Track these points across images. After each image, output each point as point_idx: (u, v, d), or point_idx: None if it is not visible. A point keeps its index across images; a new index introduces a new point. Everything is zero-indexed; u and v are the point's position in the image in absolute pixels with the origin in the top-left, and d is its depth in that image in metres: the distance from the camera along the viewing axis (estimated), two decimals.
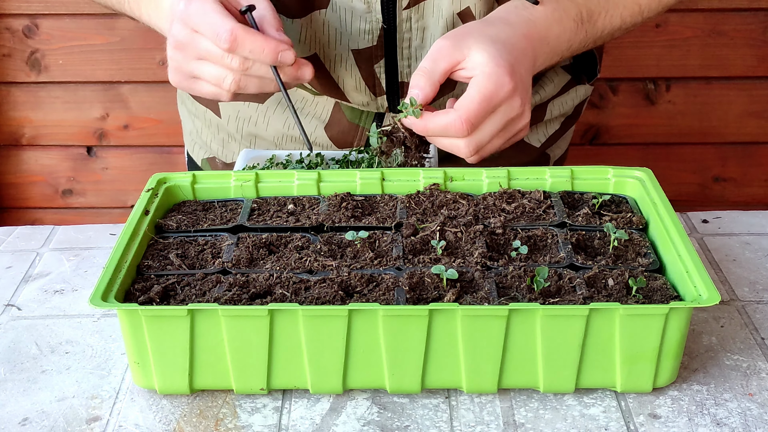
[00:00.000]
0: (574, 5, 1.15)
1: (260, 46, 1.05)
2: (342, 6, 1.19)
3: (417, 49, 1.22)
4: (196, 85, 1.11)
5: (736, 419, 0.89)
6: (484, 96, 1.04)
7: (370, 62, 1.23)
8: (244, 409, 0.91)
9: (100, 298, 0.88)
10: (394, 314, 0.87)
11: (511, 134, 1.09)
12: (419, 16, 1.19)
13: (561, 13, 1.14)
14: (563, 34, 1.14)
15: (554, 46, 1.14)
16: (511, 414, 0.90)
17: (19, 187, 2.44)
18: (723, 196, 2.41)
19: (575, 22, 1.15)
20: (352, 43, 1.22)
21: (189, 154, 1.47)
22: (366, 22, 1.20)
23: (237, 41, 1.04)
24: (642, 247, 1.00)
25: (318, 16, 1.20)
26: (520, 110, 1.06)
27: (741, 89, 2.30)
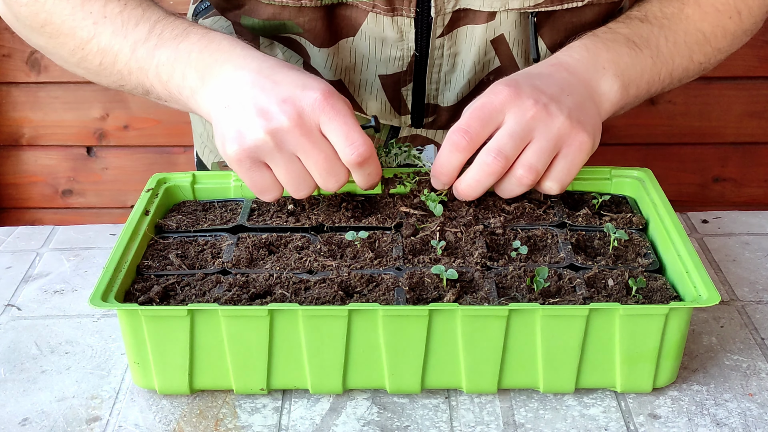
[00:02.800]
0: (618, 35, 1.09)
1: (377, 172, 0.99)
2: (372, 35, 1.16)
3: (447, 74, 1.20)
4: (257, 173, 0.98)
5: (736, 419, 0.89)
6: (475, 107, 0.99)
7: (397, 86, 1.21)
8: (244, 409, 0.91)
9: (100, 298, 0.88)
10: (394, 314, 0.87)
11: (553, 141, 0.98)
12: (452, 43, 1.17)
13: (603, 42, 1.08)
14: (619, 59, 1.06)
15: (616, 71, 1.06)
16: (511, 414, 0.90)
17: (19, 187, 2.44)
18: (723, 196, 2.41)
19: (629, 47, 1.08)
20: (380, 69, 1.19)
21: (199, 157, 1.47)
22: (397, 50, 1.17)
23: (368, 161, 0.96)
24: (642, 247, 1.00)
25: (345, 45, 1.18)
26: (540, 110, 0.97)
27: (741, 89, 2.30)
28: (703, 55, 1.15)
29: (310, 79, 0.97)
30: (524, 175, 0.98)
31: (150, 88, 1.06)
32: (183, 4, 2.23)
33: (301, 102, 0.94)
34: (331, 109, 0.94)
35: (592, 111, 1.03)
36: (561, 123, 0.98)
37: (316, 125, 0.95)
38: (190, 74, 1.01)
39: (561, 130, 0.98)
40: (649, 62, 1.09)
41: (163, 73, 1.03)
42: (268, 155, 0.96)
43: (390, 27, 1.15)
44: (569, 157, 0.99)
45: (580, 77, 1.04)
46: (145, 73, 1.05)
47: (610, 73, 1.05)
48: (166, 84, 1.03)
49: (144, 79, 1.05)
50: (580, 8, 1.15)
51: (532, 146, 0.98)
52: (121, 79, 1.08)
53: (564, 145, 0.99)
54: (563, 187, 1.01)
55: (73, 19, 1.06)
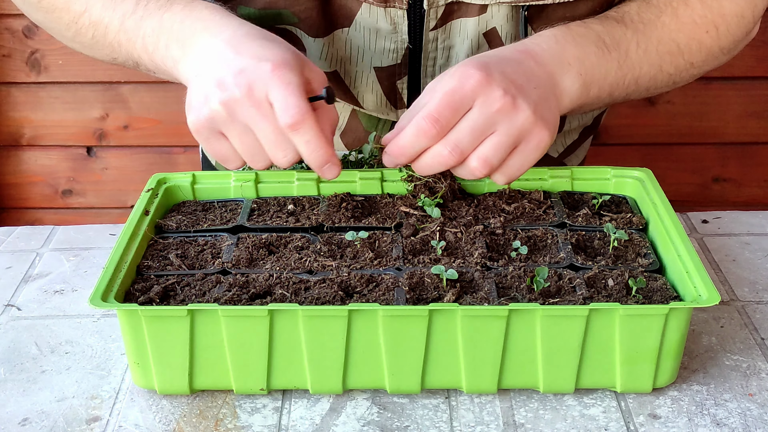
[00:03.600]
0: (590, 31, 1.08)
1: (318, 145, 0.96)
2: (366, 26, 1.16)
3: (441, 67, 1.20)
4: (216, 142, 1.00)
5: (736, 419, 0.89)
6: (445, 90, 0.96)
7: (392, 79, 1.21)
8: (244, 409, 0.91)
9: (100, 299, 0.88)
10: (394, 314, 0.87)
11: (514, 137, 0.97)
12: (446, 36, 1.17)
13: (573, 36, 1.07)
14: (586, 57, 1.05)
15: (580, 69, 1.04)
16: (511, 414, 0.90)
17: (19, 187, 2.44)
18: (723, 196, 2.41)
19: (597, 47, 1.06)
20: (375, 61, 1.20)
21: (204, 153, 1.47)
22: (391, 42, 1.17)
23: (302, 125, 0.94)
24: (642, 247, 1.00)
25: (341, 35, 1.18)
26: (507, 103, 0.96)
27: (740, 89, 2.30)
28: (674, 66, 1.13)
29: (270, 50, 0.97)
30: (477, 167, 0.98)
31: (138, 59, 1.08)
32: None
33: (253, 73, 0.95)
34: (278, 80, 0.94)
35: (553, 105, 1.01)
36: (525, 118, 0.97)
37: (266, 96, 0.95)
38: (172, 45, 1.03)
39: (524, 125, 0.97)
40: (615, 65, 1.07)
41: (149, 45, 1.05)
42: (223, 126, 0.97)
43: (383, 18, 1.15)
44: (525, 153, 0.98)
45: (546, 69, 1.03)
46: (133, 45, 1.07)
47: (574, 70, 1.04)
48: (152, 55, 1.05)
49: (132, 51, 1.07)
50: (573, 3, 1.14)
51: (491, 140, 0.97)
52: (112, 52, 1.10)
53: (523, 141, 0.98)
54: (510, 181, 1.01)
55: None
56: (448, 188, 1.07)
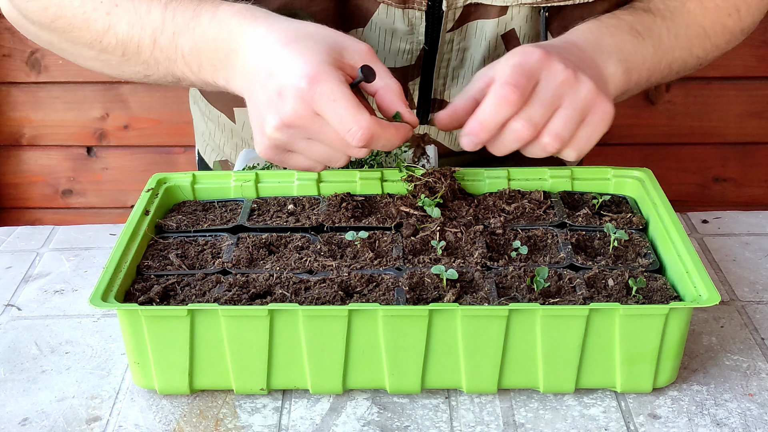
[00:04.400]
0: (622, 21, 1.10)
1: (393, 138, 0.95)
2: (381, 26, 1.16)
3: (455, 69, 1.20)
4: (291, 160, 0.99)
5: (736, 419, 0.89)
6: (514, 64, 0.97)
7: (404, 80, 1.21)
8: (244, 409, 0.91)
9: (100, 299, 0.88)
10: (394, 314, 0.87)
11: (579, 110, 0.98)
12: (461, 37, 1.17)
13: (607, 27, 1.09)
14: (623, 45, 1.07)
15: (620, 56, 1.06)
16: (511, 414, 0.90)
17: (19, 187, 2.44)
18: (723, 196, 2.41)
19: (632, 35, 1.09)
20: (388, 62, 1.19)
21: (200, 155, 1.46)
22: (407, 42, 1.17)
23: (373, 140, 0.92)
24: (642, 247, 1.00)
25: (355, 35, 1.17)
26: (570, 76, 0.97)
27: (741, 89, 2.30)
28: (702, 50, 1.16)
29: (301, 58, 0.93)
30: (550, 143, 0.98)
31: (182, 76, 1.04)
32: None
33: (291, 95, 0.92)
34: (319, 97, 0.91)
35: (606, 87, 1.03)
36: (588, 90, 0.98)
37: (314, 112, 0.92)
38: (217, 65, 1.00)
39: (587, 97, 0.98)
40: (651, 51, 1.10)
41: (192, 64, 1.02)
42: (287, 146, 0.96)
43: (401, 19, 1.15)
44: (592, 125, 0.99)
45: (590, 56, 1.05)
46: (173, 64, 1.03)
47: (614, 58, 1.06)
48: (198, 74, 1.02)
49: (174, 69, 1.04)
50: (591, 3, 1.15)
51: (560, 114, 0.98)
52: (147, 69, 1.06)
53: (589, 113, 0.99)
54: (581, 155, 1.01)
55: (84, 10, 1.03)
56: (448, 188, 1.07)
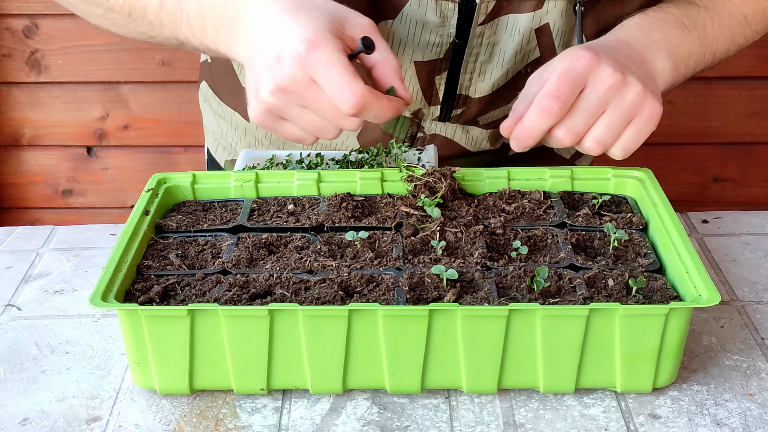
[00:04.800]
0: (668, 15, 1.13)
1: (386, 110, 0.95)
2: (413, 18, 1.16)
3: (483, 64, 1.20)
4: (282, 128, 0.99)
5: (736, 419, 0.89)
6: (560, 71, 0.99)
7: (432, 74, 1.21)
8: (244, 409, 0.91)
9: (100, 298, 0.88)
10: (394, 314, 0.87)
11: (625, 114, 1.01)
12: (492, 31, 1.17)
13: (655, 22, 1.11)
14: (671, 39, 1.10)
15: (668, 51, 1.09)
16: (511, 414, 0.90)
17: (19, 187, 2.44)
18: (723, 196, 2.41)
19: (678, 28, 1.12)
20: (417, 55, 1.19)
21: (210, 154, 1.45)
22: (437, 35, 1.17)
23: (365, 108, 0.93)
24: (642, 247, 1.00)
25: (384, 27, 1.17)
26: (618, 80, 0.99)
27: (741, 89, 2.30)
28: (743, 37, 1.19)
29: (302, 24, 0.93)
30: (592, 147, 1.01)
31: (185, 40, 1.05)
32: None
33: (289, 58, 0.92)
34: (316, 62, 0.91)
35: (654, 85, 1.05)
36: (635, 93, 1.00)
37: (310, 77, 0.92)
38: (221, 30, 1.00)
39: (635, 99, 1.00)
40: (697, 43, 1.12)
41: (195, 29, 1.03)
42: (281, 112, 0.96)
43: (433, 11, 1.15)
44: (639, 125, 1.01)
45: (640, 54, 1.06)
46: (177, 27, 1.04)
47: (663, 53, 1.08)
48: (202, 39, 1.03)
49: (178, 33, 1.05)
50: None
51: (603, 120, 1.00)
52: (152, 31, 1.07)
53: (637, 115, 1.01)
54: (627, 154, 1.03)
55: None
56: (448, 188, 1.07)
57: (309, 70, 0.92)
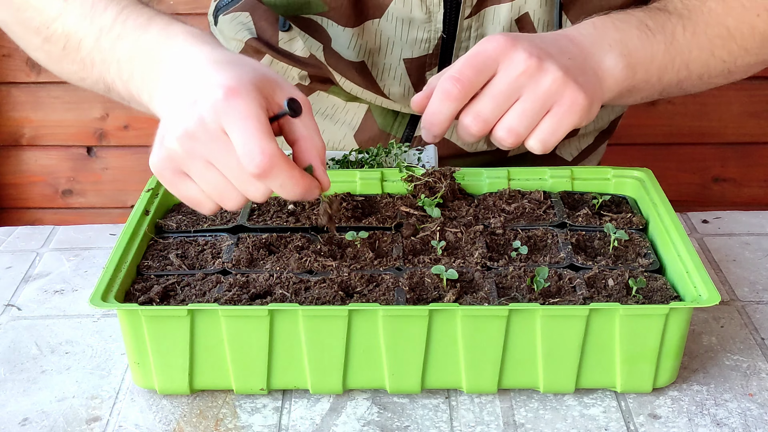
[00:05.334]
0: (631, 17, 1.05)
1: (295, 183, 0.86)
2: (399, 16, 1.15)
3: None
4: (182, 184, 0.88)
5: (736, 419, 0.89)
6: (469, 54, 0.93)
7: (422, 70, 1.20)
8: (244, 409, 0.91)
9: (100, 299, 0.88)
10: (394, 314, 0.87)
11: (541, 101, 0.92)
12: (479, 23, 1.17)
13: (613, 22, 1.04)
14: (628, 40, 1.02)
15: (622, 50, 1.01)
16: (511, 414, 0.90)
17: (19, 187, 2.44)
18: (723, 196, 2.40)
19: (640, 30, 1.03)
20: (405, 53, 1.18)
21: None
22: (425, 31, 1.16)
23: (271, 172, 0.83)
24: (642, 247, 1.00)
25: (371, 26, 1.16)
26: (532, 65, 0.92)
27: (741, 89, 2.30)
28: (727, 52, 1.09)
29: (227, 73, 0.85)
30: (504, 137, 0.94)
31: (111, 84, 0.96)
32: (183, 4, 2.23)
33: (204, 103, 0.84)
34: (232, 111, 0.83)
35: (592, 79, 0.97)
36: (553, 80, 0.92)
37: (221, 127, 0.83)
38: (146, 75, 0.92)
39: (552, 86, 0.92)
40: (662, 47, 1.04)
41: (123, 71, 0.94)
42: (183, 164, 0.86)
43: (418, 7, 1.14)
44: (558, 116, 0.93)
45: (583, 49, 1.00)
46: (107, 68, 0.95)
47: (615, 51, 1.01)
48: (127, 83, 0.94)
49: (105, 74, 0.96)
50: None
51: (516, 107, 0.93)
52: (82, 70, 0.98)
53: (555, 104, 0.93)
54: (546, 147, 0.94)
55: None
56: (448, 188, 1.07)
57: (222, 119, 0.83)
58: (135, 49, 0.93)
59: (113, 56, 0.94)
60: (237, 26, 1.34)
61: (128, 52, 0.93)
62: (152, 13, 0.95)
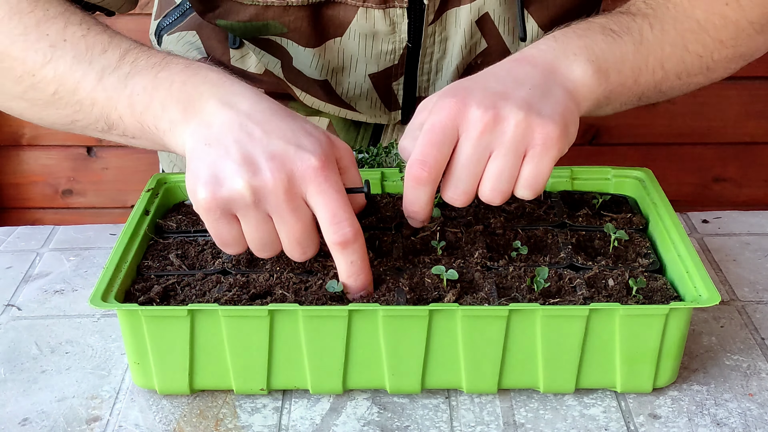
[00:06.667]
0: (593, 24, 1.01)
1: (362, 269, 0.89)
2: (362, 32, 1.13)
3: (438, 61, 1.19)
4: (225, 226, 0.88)
5: (736, 419, 0.89)
6: (425, 129, 0.90)
7: (388, 81, 1.19)
8: (244, 409, 0.91)
9: (100, 299, 0.88)
10: (394, 314, 0.87)
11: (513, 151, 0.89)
12: (442, 28, 1.15)
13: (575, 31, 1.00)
14: (593, 44, 0.97)
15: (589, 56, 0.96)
16: (511, 414, 0.90)
17: (19, 187, 2.44)
18: (723, 196, 2.41)
19: (604, 34, 0.99)
20: (370, 67, 1.17)
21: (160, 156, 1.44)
22: (389, 43, 1.15)
23: (353, 246, 0.87)
24: (642, 247, 1.00)
25: (333, 45, 1.14)
26: (490, 119, 0.88)
27: (741, 89, 2.30)
28: (701, 45, 1.03)
29: (307, 138, 0.87)
30: (491, 198, 0.91)
31: (116, 121, 0.93)
32: None
33: (293, 164, 0.85)
34: (325, 181, 0.85)
35: (558, 97, 0.92)
36: (516, 124, 0.88)
37: (303, 192, 0.86)
38: (170, 105, 0.90)
39: (518, 132, 0.88)
40: (631, 48, 0.99)
41: (137, 103, 0.91)
42: (242, 210, 0.86)
43: (382, 20, 1.13)
44: (536, 158, 0.89)
45: (545, 66, 0.95)
46: (113, 104, 0.92)
47: (581, 58, 0.95)
48: (141, 115, 0.91)
49: (111, 111, 0.93)
50: None
51: (491, 168, 0.90)
52: (77, 112, 0.95)
53: (528, 147, 0.89)
54: (536, 191, 0.91)
55: (25, 39, 0.93)
56: None
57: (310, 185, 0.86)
58: (154, 83, 0.91)
59: (123, 92, 0.92)
60: (185, 46, 1.31)
61: (144, 86, 0.91)
62: (166, 54, 0.95)
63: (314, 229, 0.89)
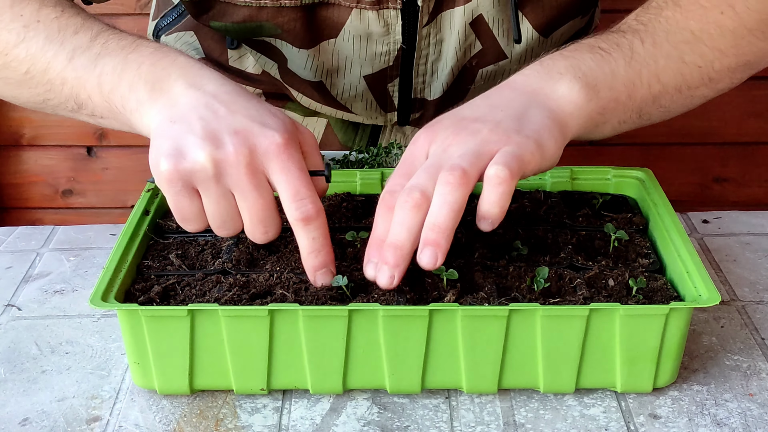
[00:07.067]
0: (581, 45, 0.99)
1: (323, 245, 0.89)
2: (356, 33, 1.13)
3: (433, 63, 1.19)
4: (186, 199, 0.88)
5: (736, 419, 0.89)
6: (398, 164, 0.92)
7: (383, 83, 1.19)
8: (244, 409, 0.91)
9: (100, 299, 0.88)
10: (394, 314, 0.87)
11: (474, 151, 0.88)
12: (437, 30, 1.15)
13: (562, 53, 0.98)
14: (581, 63, 0.96)
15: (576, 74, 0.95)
16: (511, 414, 0.90)
17: (19, 187, 2.44)
18: (723, 196, 2.41)
19: (592, 53, 0.97)
20: (365, 69, 1.17)
21: None
22: (383, 44, 1.15)
23: (316, 220, 0.88)
24: (642, 247, 1.00)
25: (327, 46, 1.15)
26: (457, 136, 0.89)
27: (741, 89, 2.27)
28: (699, 56, 1.02)
29: (271, 117, 0.89)
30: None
31: (85, 100, 0.95)
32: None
33: (256, 140, 0.86)
34: (288, 159, 0.86)
35: (537, 117, 0.92)
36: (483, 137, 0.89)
37: (264, 168, 0.87)
38: (138, 86, 0.91)
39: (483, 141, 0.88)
40: (621, 63, 0.98)
41: (106, 83, 0.93)
42: (203, 183, 0.87)
43: (376, 22, 1.13)
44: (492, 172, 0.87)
45: (527, 89, 0.94)
46: (82, 84, 0.94)
47: (568, 77, 0.95)
48: (108, 95, 0.93)
49: (80, 91, 0.95)
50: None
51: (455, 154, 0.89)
52: (48, 92, 0.98)
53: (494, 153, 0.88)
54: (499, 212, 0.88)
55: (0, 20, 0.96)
56: None
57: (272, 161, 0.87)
58: (123, 64, 0.93)
59: (92, 72, 0.94)
60: (183, 46, 1.32)
61: (113, 67, 0.93)
62: (137, 37, 0.97)
63: (276, 209, 0.90)
